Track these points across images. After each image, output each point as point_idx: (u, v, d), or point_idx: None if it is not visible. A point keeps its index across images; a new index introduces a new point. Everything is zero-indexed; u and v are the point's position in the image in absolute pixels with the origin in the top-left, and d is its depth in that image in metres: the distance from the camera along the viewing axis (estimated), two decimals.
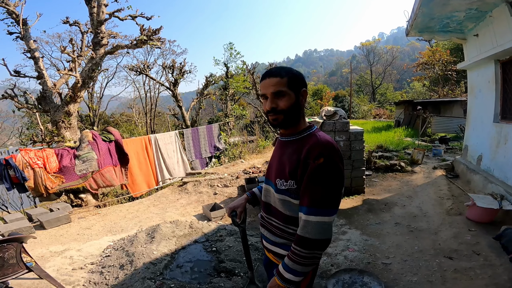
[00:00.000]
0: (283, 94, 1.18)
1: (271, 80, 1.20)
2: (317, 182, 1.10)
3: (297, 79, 1.21)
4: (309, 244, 1.09)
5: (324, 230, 1.09)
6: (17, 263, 2.23)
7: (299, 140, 1.23)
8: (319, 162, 1.09)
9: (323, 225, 1.09)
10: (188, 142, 8.51)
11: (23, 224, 4.10)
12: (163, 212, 4.95)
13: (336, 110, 5.16)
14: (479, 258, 2.81)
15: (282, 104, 1.19)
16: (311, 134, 1.22)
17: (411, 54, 63.91)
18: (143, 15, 7.30)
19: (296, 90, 1.20)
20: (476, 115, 5.62)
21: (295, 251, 1.11)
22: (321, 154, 1.10)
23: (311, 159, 1.11)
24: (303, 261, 1.10)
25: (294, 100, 1.20)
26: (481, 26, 4.87)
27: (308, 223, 1.10)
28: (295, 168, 1.17)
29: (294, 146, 1.23)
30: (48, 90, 6.73)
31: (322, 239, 1.09)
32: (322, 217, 1.09)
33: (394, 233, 3.56)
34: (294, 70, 1.24)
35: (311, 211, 1.10)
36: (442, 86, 20.75)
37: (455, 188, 4.91)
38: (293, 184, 1.19)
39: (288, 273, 1.13)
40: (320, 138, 1.16)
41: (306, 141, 1.19)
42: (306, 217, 1.10)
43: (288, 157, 1.22)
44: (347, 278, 2.56)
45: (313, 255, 1.10)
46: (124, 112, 24.90)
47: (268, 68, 13.58)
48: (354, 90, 33.72)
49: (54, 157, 5.31)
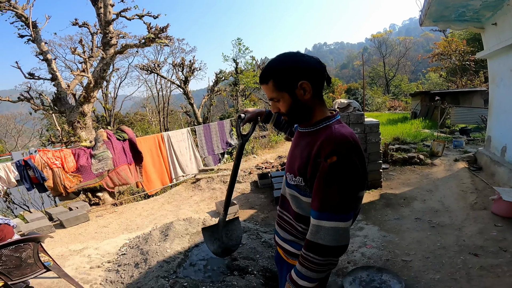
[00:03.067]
0: (276, 99, 1.11)
1: (262, 87, 1.14)
2: (330, 184, 0.97)
3: (287, 75, 1.05)
4: (323, 251, 0.98)
5: (340, 236, 0.97)
6: (35, 263, 2.27)
7: (314, 133, 1.10)
8: (332, 161, 0.96)
9: (338, 231, 0.96)
10: (200, 139, 8.54)
11: (44, 223, 4.21)
12: (177, 209, 4.97)
13: (350, 102, 5.01)
14: (506, 254, 2.65)
15: (281, 107, 1.13)
16: (327, 126, 1.08)
17: (425, 45, 61.73)
18: (149, 14, 7.32)
19: (289, 88, 1.06)
20: (499, 104, 5.35)
21: (308, 257, 1.01)
22: (334, 151, 0.97)
23: (322, 157, 0.99)
24: (317, 268, 1.00)
25: (291, 101, 1.08)
26: (499, 14, 4.62)
27: (320, 229, 0.98)
28: (305, 165, 1.06)
29: (308, 139, 1.11)
30: (62, 92, 6.88)
31: (337, 245, 0.97)
32: (336, 223, 0.97)
33: (414, 228, 3.41)
34: (284, 62, 1.07)
35: (323, 215, 0.98)
36: (460, 77, 19.98)
37: (478, 181, 4.69)
38: (301, 181, 1.09)
39: (302, 280, 1.04)
40: (334, 132, 1.02)
41: (320, 134, 1.06)
42: (317, 221, 0.99)
43: (300, 151, 1.12)
44: (365, 276, 2.46)
45: (329, 261, 1.00)
46: (138, 111, 25.35)
47: None
48: (367, 82, 32.96)
49: (71, 157, 5.42)
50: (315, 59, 1.10)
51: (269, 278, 2.26)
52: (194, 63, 12.50)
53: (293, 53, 1.10)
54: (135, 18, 7.15)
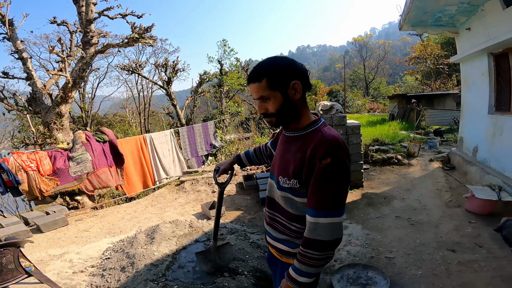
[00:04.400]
0: (267, 98, 1.12)
1: (252, 86, 1.14)
2: (325, 184, 1.04)
3: (281, 74, 1.09)
4: (322, 246, 1.05)
5: (335, 230, 1.05)
6: (16, 268, 2.18)
7: (304, 137, 1.15)
8: (327, 163, 1.03)
9: (334, 226, 1.04)
10: (184, 141, 8.44)
11: (20, 228, 4.04)
12: (162, 212, 4.89)
13: (333, 104, 5.15)
14: (481, 250, 2.80)
15: (269, 107, 1.14)
16: (316, 129, 1.14)
17: (402, 49, 64.33)
18: (133, 13, 7.17)
19: (282, 87, 1.10)
20: (470, 107, 5.67)
21: (307, 254, 1.06)
22: (328, 153, 1.03)
23: (317, 159, 1.05)
24: (316, 263, 1.06)
25: (282, 100, 1.11)
26: (473, 19, 4.90)
27: (317, 225, 1.05)
28: (300, 167, 1.11)
29: (299, 143, 1.16)
30: (38, 91, 6.58)
31: (334, 239, 1.05)
32: (332, 218, 1.04)
33: (395, 226, 3.56)
34: (277, 62, 1.12)
35: (320, 213, 1.04)
36: (434, 80, 20.98)
37: (452, 180, 4.96)
38: (296, 183, 1.13)
39: (302, 276, 1.09)
40: (326, 135, 1.09)
41: (311, 138, 1.12)
42: (315, 219, 1.05)
43: (292, 155, 1.16)
44: (352, 273, 2.55)
45: (326, 255, 1.07)
46: (118, 112, 24.57)
47: None
48: (348, 85, 33.83)
49: (47, 159, 5.21)
50: (302, 64, 1.17)
51: (259, 278, 2.29)
52: (178, 63, 12.32)
53: (284, 56, 1.17)
54: (118, 17, 6.97)
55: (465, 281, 2.40)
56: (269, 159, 1.63)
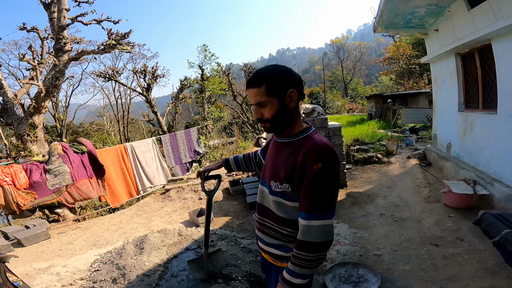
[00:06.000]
0: (264, 104, 1.16)
1: (251, 91, 1.18)
2: (316, 187, 1.08)
3: (279, 82, 1.14)
4: (314, 248, 1.09)
5: (327, 232, 1.10)
6: (4, 283, 2.08)
7: (295, 143, 1.20)
8: (318, 167, 1.08)
9: (325, 228, 1.09)
10: (166, 149, 8.30)
11: (0, 243, 3.85)
12: (148, 222, 4.79)
13: (314, 107, 5.27)
14: (463, 243, 2.92)
15: (265, 113, 1.18)
16: (308, 136, 1.19)
17: (377, 50, 66.82)
18: (109, 19, 7.00)
19: (279, 94, 1.15)
20: (441, 105, 5.97)
21: (301, 256, 1.11)
22: (319, 158, 1.09)
23: (308, 164, 1.10)
24: (310, 264, 1.11)
25: (278, 107, 1.16)
26: (441, 21, 5.18)
27: (310, 228, 1.09)
28: (291, 172, 1.15)
29: (290, 148, 1.21)
30: (9, 102, 6.27)
31: (326, 241, 1.10)
32: (324, 221, 1.09)
33: (380, 224, 3.69)
34: (276, 70, 1.17)
35: (312, 216, 1.09)
36: (407, 79, 21.93)
37: (429, 176, 5.20)
38: (287, 188, 1.17)
39: (296, 278, 1.13)
40: (317, 141, 1.14)
41: (303, 144, 1.17)
42: (307, 222, 1.10)
43: (283, 160, 1.20)
44: (343, 272, 2.62)
45: (319, 257, 1.11)
46: (94, 120, 23.70)
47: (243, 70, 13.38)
48: (328, 86, 34.62)
49: (22, 172, 4.99)
50: (299, 74, 1.22)
51: (253, 283, 2.31)
52: (157, 69, 12.13)
53: (283, 65, 1.22)
54: (93, 23, 6.78)
55: (451, 274, 2.50)
56: (257, 166, 1.67)
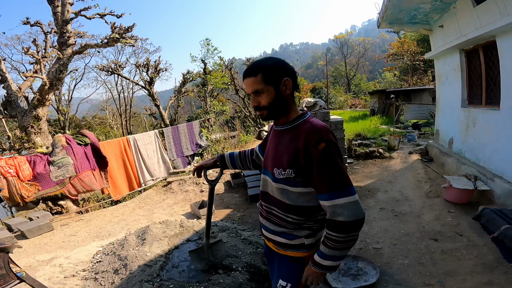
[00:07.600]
0: (261, 91, 1.21)
1: (248, 80, 1.23)
2: (327, 166, 1.11)
3: (274, 71, 1.21)
4: (345, 228, 1.09)
5: (355, 209, 1.09)
6: (7, 274, 2.12)
7: (294, 128, 1.24)
8: (322, 147, 1.11)
9: (352, 205, 1.09)
10: (168, 141, 8.34)
11: (4, 235, 3.92)
12: (150, 214, 4.84)
13: (316, 101, 5.26)
14: (462, 239, 2.94)
15: (262, 101, 1.23)
16: (305, 121, 1.24)
17: (381, 46, 66.10)
18: (112, 13, 6.99)
19: (275, 82, 1.20)
20: (444, 101, 5.95)
21: (332, 237, 1.11)
22: (321, 139, 1.12)
23: (312, 146, 1.12)
24: (341, 246, 1.11)
25: (274, 94, 1.21)
26: (446, 17, 5.13)
27: (335, 207, 1.09)
28: (294, 157, 1.17)
29: (290, 134, 1.24)
30: (13, 94, 6.32)
31: (356, 219, 1.09)
32: (347, 198, 1.09)
33: (380, 218, 3.71)
34: (271, 61, 1.24)
35: (333, 195, 1.10)
36: (411, 76, 21.74)
37: (431, 171, 5.20)
38: (291, 173, 1.19)
39: (327, 260, 1.15)
40: (315, 124, 1.19)
41: (301, 128, 1.21)
42: (331, 202, 1.10)
43: (285, 146, 1.23)
44: (342, 264, 2.64)
45: (350, 237, 1.11)
46: (97, 114, 23.81)
47: (246, 64, 13.40)
48: (330, 81, 34.43)
49: (26, 164, 5.04)
50: (292, 66, 1.29)
51: (254, 274, 2.34)
52: (160, 63, 12.11)
53: (277, 57, 1.29)
54: (96, 17, 6.78)
55: (449, 269, 2.52)
56: (252, 164, 1.68)
